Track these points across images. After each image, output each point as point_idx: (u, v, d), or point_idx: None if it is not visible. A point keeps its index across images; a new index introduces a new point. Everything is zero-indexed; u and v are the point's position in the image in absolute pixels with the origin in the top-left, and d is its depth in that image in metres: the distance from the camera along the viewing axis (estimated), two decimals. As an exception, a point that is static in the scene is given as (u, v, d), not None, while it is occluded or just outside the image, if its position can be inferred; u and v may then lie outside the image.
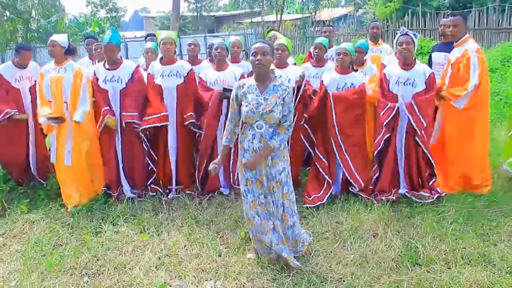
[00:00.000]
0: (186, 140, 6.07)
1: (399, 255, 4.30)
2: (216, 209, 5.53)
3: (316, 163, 5.75)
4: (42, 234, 5.04)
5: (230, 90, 5.56)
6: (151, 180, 6.13)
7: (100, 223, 5.31)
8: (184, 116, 5.87)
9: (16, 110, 6.11)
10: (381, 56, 7.28)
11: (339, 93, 5.55)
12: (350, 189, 5.70)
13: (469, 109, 5.58)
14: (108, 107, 5.76)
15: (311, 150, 5.84)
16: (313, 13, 25.56)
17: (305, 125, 5.75)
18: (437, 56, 6.57)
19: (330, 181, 5.66)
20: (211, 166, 4.13)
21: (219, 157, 4.23)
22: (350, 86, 5.56)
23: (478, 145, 5.66)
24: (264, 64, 3.89)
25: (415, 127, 5.33)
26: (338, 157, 5.61)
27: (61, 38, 5.93)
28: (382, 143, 5.49)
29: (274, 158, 3.98)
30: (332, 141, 5.59)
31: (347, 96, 5.54)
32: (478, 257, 4.20)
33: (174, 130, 5.99)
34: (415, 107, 5.33)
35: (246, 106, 3.94)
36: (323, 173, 5.66)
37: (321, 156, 5.71)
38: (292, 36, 24.00)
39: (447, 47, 6.31)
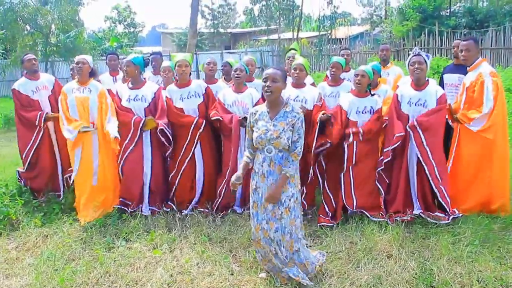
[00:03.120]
0: (211, 155, 6.10)
1: (413, 277, 4.24)
2: (230, 227, 5.50)
3: (327, 189, 5.75)
4: (55, 249, 5.05)
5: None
6: (168, 197, 6.18)
7: (113, 238, 5.31)
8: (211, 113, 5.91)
9: (46, 111, 6.31)
10: (387, 78, 7.23)
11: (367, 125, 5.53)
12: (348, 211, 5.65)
13: (485, 132, 5.51)
14: (137, 116, 5.84)
15: (320, 179, 5.85)
16: (330, 31, 25.68)
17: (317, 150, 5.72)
18: (449, 78, 6.52)
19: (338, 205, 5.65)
20: (233, 178, 4.11)
21: (240, 171, 4.19)
22: (370, 110, 5.53)
23: (497, 169, 5.58)
24: (272, 91, 3.90)
25: (420, 156, 5.37)
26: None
27: (89, 58, 6.06)
28: (383, 162, 5.53)
29: (284, 185, 3.97)
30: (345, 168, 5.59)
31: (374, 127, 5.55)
32: (495, 281, 4.12)
33: (199, 149, 6.03)
34: (418, 128, 5.34)
35: (256, 132, 3.97)
36: (332, 199, 5.67)
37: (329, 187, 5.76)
38: (308, 54, 24.05)
39: (458, 68, 6.33)
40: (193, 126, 5.84)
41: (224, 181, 5.90)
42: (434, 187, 5.39)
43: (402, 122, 5.46)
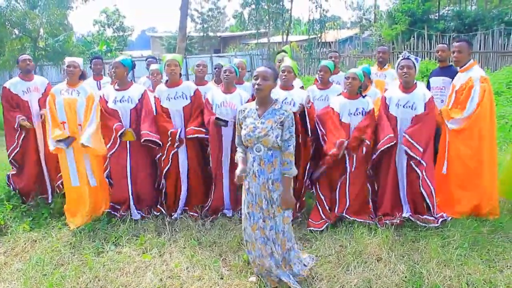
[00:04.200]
0: (196, 160, 6.04)
1: (403, 280, 4.25)
2: (219, 231, 5.49)
3: (319, 192, 5.72)
4: (43, 253, 5.03)
5: (222, 120, 5.57)
6: (157, 200, 6.17)
7: (102, 243, 5.28)
8: (187, 129, 5.87)
9: (24, 117, 6.25)
10: (385, 81, 7.26)
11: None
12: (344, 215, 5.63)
13: (460, 132, 5.64)
14: (120, 123, 5.80)
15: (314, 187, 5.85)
16: (319, 35, 25.74)
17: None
18: (434, 81, 6.61)
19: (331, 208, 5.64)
20: (238, 171, 4.07)
21: (241, 164, 4.12)
22: (362, 111, 5.55)
23: (485, 173, 5.61)
24: (263, 88, 3.90)
25: (411, 153, 5.35)
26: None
27: (79, 61, 6.06)
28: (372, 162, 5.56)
29: (276, 182, 3.96)
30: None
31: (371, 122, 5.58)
32: (484, 284, 4.14)
33: (184, 151, 5.98)
34: (409, 137, 5.36)
35: (244, 129, 3.97)
36: (325, 203, 5.65)
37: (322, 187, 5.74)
38: (298, 57, 24.10)
39: (443, 71, 6.45)
40: (169, 135, 5.82)
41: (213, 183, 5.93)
42: (423, 190, 5.40)
43: (390, 124, 5.50)
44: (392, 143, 5.39)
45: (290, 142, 3.93)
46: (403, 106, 5.48)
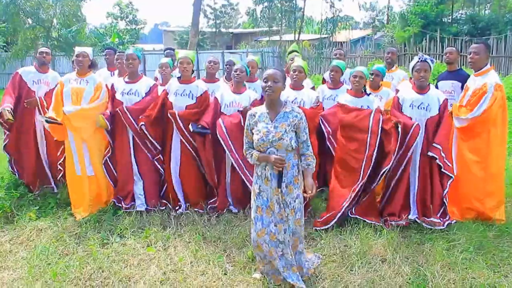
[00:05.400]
0: (190, 158, 5.97)
1: (407, 282, 4.23)
2: (224, 227, 5.49)
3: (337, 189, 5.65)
4: (49, 243, 5.05)
5: (201, 129, 5.57)
6: (161, 194, 6.19)
7: (107, 234, 5.30)
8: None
9: (8, 108, 6.12)
10: (391, 82, 7.20)
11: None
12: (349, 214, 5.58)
13: (460, 131, 5.63)
14: (108, 112, 5.82)
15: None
16: (331, 34, 25.68)
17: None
18: (443, 85, 6.57)
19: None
20: (274, 157, 3.87)
21: (267, 155, 3.95)
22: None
23: (494, 178, 5.58)
24: (273, 91, 3.89)
25: (440, 163, 5.34)
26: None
27: (89, 51, 6.07)
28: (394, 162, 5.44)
29: (289, 185, 3.97)
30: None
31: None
32: (488, 288, 4.12)
33: (178, 148, 5.96)
34: (442, 152, 5.35)
35: (257, 134, 3.95)
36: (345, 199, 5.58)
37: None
38: (309, 56, 24.04)
39: (453, 75, 6.43)
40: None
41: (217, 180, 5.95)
42: (436, 192, 5.41)
43: None
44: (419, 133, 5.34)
45: (308, 142, 3.97)
46: (418, 107, 5.45)
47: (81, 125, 5.76)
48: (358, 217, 5.49)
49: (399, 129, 5.31)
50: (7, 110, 6.07)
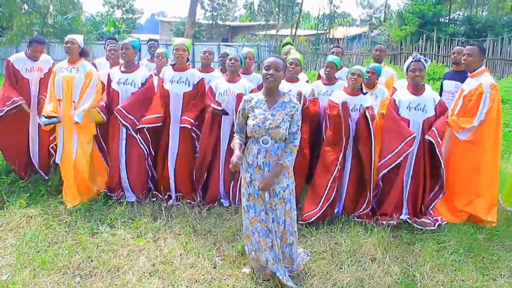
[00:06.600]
0: (188, 147, 5.98)
1: (396, 282, 4.24)
2: (215, 220, 5.48)
3: (317, 181, 5.67)
4: (38, 230, 5.02)
5: (218, 109, 5.57)
6: (151, 185, 6.16)
7: (97, 224, 5.27)
8: (181, 118, 5.85)
9: (23, 101, 6.15)
10: (379, 80, 7.19)
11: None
12: (350, 215, 5.59)
13: (473, 144, 5.56)
14: (103, 103, 5.79)
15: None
16: (328, 31, 25.65)
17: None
18: (447, 84, 6.57)
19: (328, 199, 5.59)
20: (235, 158, 3.92)
21: (237, 151, 4.01)
22: (359, 108, 5.52)
23: (486, 181, 5.59)
24: (275, 79, 3.87)
25: (437, 151, 5.34)
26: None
27: (79, 38, 6.02)
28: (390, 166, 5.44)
29: (279, 175, 3.94)
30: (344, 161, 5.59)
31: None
32: (476, 291, 4.13)
33: (176, 136, 5.95)
34: (436, 132, 5.33)
35: (253, 120, 3.92)
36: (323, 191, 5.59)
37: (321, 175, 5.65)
38: (305, 52, 24.02)
39: (458, 75, 6.34)
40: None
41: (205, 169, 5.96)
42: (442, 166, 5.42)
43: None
44: (413, 146, 5.37)
45: (296, 135, 3.93)
46: (415, 109, 5.45)
47: (86, 123, 5.77)
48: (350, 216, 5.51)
49: (367, 116, 5.37)
50: (24, 103, 6.13)
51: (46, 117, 5.69)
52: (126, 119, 5.67)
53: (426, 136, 5.35)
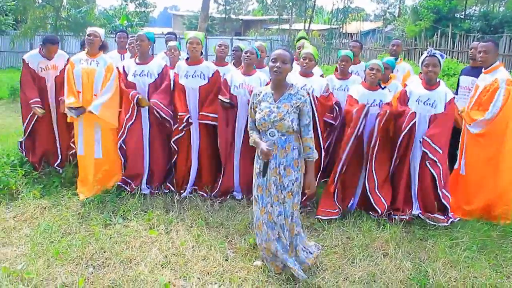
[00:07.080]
0: (209, 140, 6.04)
1: (408, 278, 4.22)
2: (227, 213, 5.50)
3: (335, 178, 5.62)
4: (52, 221, 5.08)
5: (226, 101, 5.61)
6: (169, 177, 6.20)
7: (110, 215, 5.31)
8: (199, 113, 5.91)
9: (40, 104, 6.24)
10: (396, 75, 7.14)
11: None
12: (369, 213, 5.54)
13: (482, 136, 5.54)
14: (135, 90, 5.82)
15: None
16: (341, 25, 25.51)
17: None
18: (464, 80, 6.51)
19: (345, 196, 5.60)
20: (264, 146, 3.88)
21: (262, 142, 3.96)
22: (379, 103, 5.50)
23: (503, 176, 5.51)
24: (281, 71, 3.87)
25: (432, 156, 5.31)
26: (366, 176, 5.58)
27: (101, 31, 6.07)
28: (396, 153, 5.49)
29: (288, 167, 3.94)
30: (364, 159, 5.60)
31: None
32: (489, 288, 4.11)
33: (197, 130, 6.00)
34: (430, 141, 5.30)
35: (259, 113, 3.93)
36: (338, 189, 5.61)
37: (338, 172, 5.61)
38: (318, 46, 23.90)
39: (475, 71, 6.25)
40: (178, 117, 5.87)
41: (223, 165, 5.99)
42: (440, 191, 5.37)
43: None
44: (415, 120, 5.35)
45: (310, 127, 3.92)
46: (424, 103, 5.41)
47: (106, 115, 5.79)
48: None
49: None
50: (37, 107, 6.17)
51: (74, 109, 5.73)
52: (164, 111, 5.74)
53: (422, 148, 5.38)
